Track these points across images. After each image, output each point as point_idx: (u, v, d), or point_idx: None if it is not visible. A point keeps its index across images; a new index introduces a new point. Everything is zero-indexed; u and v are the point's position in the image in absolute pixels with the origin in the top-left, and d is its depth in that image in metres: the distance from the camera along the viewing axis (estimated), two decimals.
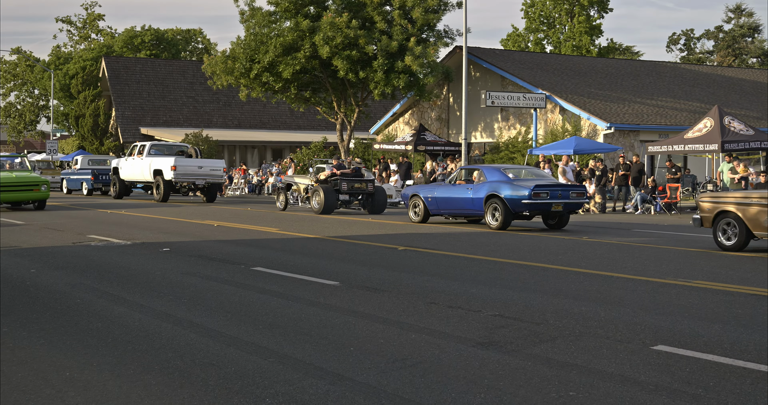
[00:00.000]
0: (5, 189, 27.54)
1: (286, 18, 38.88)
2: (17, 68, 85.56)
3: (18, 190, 27.80)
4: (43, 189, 28.07)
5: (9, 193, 27.70)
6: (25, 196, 28.08)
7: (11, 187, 27.74)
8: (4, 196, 27.62)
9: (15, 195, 27.86)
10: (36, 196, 28.14)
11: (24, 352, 7.75)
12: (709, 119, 28.97)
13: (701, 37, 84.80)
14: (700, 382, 6.56)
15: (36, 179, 28.55)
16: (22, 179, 28.15)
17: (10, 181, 27.88)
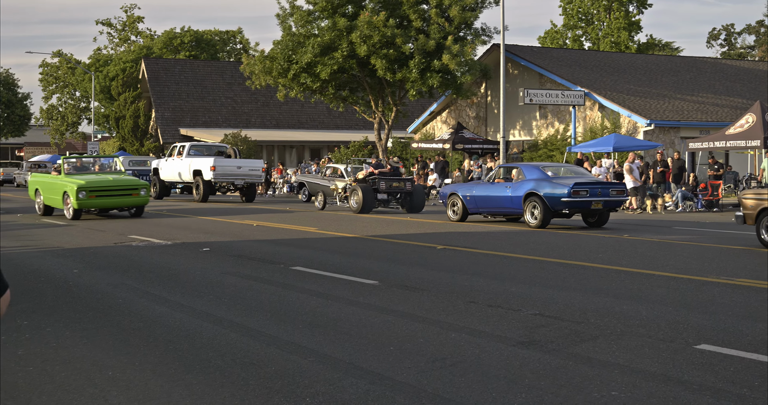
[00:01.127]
0: (101, 194, 23.94)
1: (323, 17, 38.96)
2: (59, 71, 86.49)
3: (115, 195, 24.19)
4: (143, 193, 24.31)
5: (105, 199, 24.07)
6: (122, 202, 24.47)
7: (108, 192, 24.09)
8: (100, 203, 24.12)
9: (112, 201, 24.21)
10: (134, 201, 24.47)
11: (67, 352, 7.83)
12: (751, 115, 28.60)
13: (742, 32, 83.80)
14: (744, 382, 6.48)
15: (135, 182, 24.71)
16: (120, 183, 24.41)
17: (106, 185, 24.22)
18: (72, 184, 23.70)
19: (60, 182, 24.70)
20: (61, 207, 24.55)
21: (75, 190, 23.40)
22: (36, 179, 27.39)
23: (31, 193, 26.90)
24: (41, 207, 26.12)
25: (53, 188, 25.04)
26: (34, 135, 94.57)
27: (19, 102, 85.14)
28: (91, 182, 24.00)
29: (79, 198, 23.35)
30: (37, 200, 26.30)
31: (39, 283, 12.10)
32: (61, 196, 24.22)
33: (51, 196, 25.21)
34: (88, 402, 6.28)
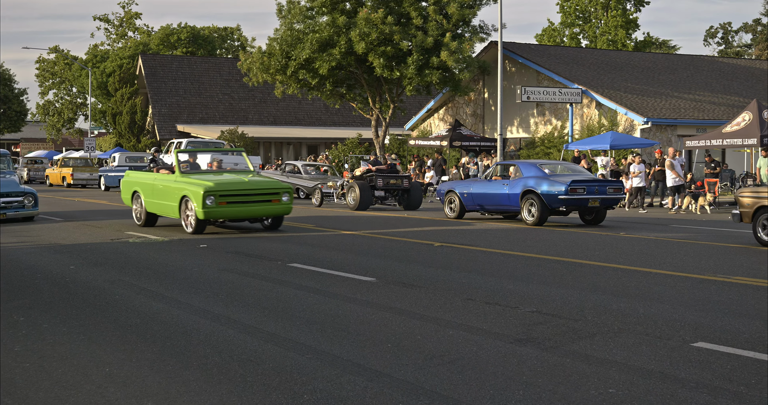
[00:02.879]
0: (235, 200, 18.21)
1: (322, 14, 38.94)
2: (55, 67, 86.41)
3: (252, 202, 18.41)
4: (285, 199, 18.56)
5: (238, 207, 18.33)
6: (259, 211, 18.62)
7: (243, 197, 18.37)
8: (232, 212, 18.37)
9: (247, 209, 18.44)
10: (274, 209, 18.70)
11: (64, 348, 7.83)
12: (748, 113, 28.62)
13: (739, 31, 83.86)
14: (741, 380, 6.49)
15: (275, 185, 19.08)
16: (258, 186, 18.81)
17: (241, 189, 18.44)
18: (195, 186, 18.08)
19: (175, 184, 18.98)
20: (175, 216, 19.05)
21: (201, 194, 17.71)
22: (134, 179, 21.28)
23: (125, 197, 21.52)
24: (141, 215, 20.46)
25: (164, 191, 19.34)
26: (30, 131, 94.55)
27: (15, 98, 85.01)
28: (221, 184, 18.30)
29: (206, 205, 17.71)
30: (134, 207, 20.82)
31: (36, 280, 12.09)
32: (178, 202, 18.53)
33: (160, 201, 19.54)
34: (85, 398, 6.28)
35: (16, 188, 22.55)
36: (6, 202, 21.95)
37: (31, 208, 22.36)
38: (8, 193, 22.07)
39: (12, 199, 22.09)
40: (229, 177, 19.42)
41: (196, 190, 17.93)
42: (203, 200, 17.69)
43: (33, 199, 22.40)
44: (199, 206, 17.78)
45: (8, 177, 23.20)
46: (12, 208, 22.01)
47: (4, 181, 22.48)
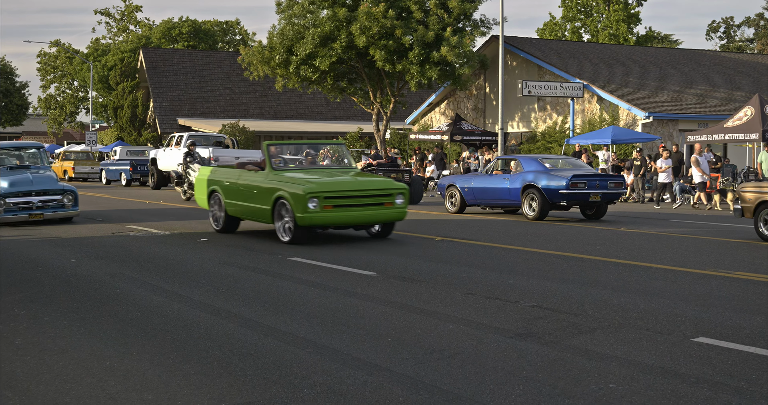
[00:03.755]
0: (343, 204, 15.03)
1: (323, 8, 38.89)
2: (57, 60, 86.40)
3: (362, 205, 15.19)
4: (399, 202, 15.45)
5: (347, 211, 15.07)
6: (371, 217, 15.40)
7: (352, 199, 15.16)
8: (339, 217, 15.02)
9: (356, 214, 15.19)
10: (388, 214, 15.50)
11: (65, 341, 7.83)
12: (750, 108, 28.57)
13: (741, 25, 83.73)
14: (742, 375, 6.48)
15: (389, 185, 15.68)
16: (370, 186, 15.58)
17: (351, 190, 15.32)
18: (294, 186, 14.93)
19: (267, 183, 15.67)
20: (266, 221, 15.78)
21: (302, 196, 14.56)
22: (212, 176, 17.68)
23: (201, 198, 18.11)
24: (221, 219, 17.18)
25: (252, 192, 16.04)
26: (31, 124, 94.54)
27: (17, 91, 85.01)
28: (326, 184, 15.18)
29: (308, 210, 14.53)
30: (212, 209, 17.51)
31: (37, 273, 12.10)
32: (271, 205, 15.25)
33: (246, 203, 16.30)
34: (85, 391, 6.28)
35: (54, 185, 20.04)
36: (43, 202, 19.62)
37: (71, 208, 19.93)
38: (45, 191, 19.73)
39: (50, 197, 19.71)
40: (332, 175, 16.24)
41: (294, 190, 14.75)
42: (305, 203, 14.51)
43: (73, 198, 19.97)
44: (299, 210, 14.56)
45: (44, 172, 20.84)
46: (50, 207, 19.67)
47: (40, 177, 20.26)
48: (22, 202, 19.33)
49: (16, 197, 19.32)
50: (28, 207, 19.39)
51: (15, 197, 19.31)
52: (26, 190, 19.49)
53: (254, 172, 16.42)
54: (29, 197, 19.45)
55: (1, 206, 19.11)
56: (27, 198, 19.42)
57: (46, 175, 20.54)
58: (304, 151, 19.15)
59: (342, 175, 16.20)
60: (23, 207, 19.34)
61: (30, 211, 19.36)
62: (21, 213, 19.27)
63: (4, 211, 19.12)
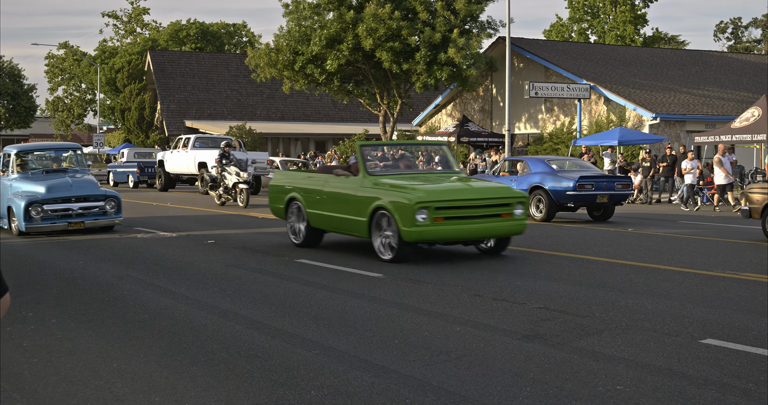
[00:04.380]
0: (457, 215, 12.66)
1: (329, 10, 38.92)
2: (64, 63, 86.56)
3: (479, 216, 12.85)
4: (518, 213, 13.08)
5: (463, 224, 12.70)
6: (490, 230, 13.06)
7: (470, 209, 12.80)
8: (452, 231, 12.72)
9: (473, 227, 12.80)
10: (507, 227, 13.17)
11: (72, 343, 7.84)
12: (757, 108, 28.51)
13: (749, 26, 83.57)
14: (750, 377, 6.47)
15: (508, 193, 13.35)
16: (487, 194, 13.16)
17: (466, 199, 12.94)
18: (398, 194, 12.69)
19: (363, 190, 13.38)
20: (361, 236, 13.49)
21: (411, 207, 12.29)
22: (291, 182, 15.57)
23: (276, 207, 15.82)
24: (301, 232, 14.99)
25: (344, 201, 13.80)
26: (39, 127, 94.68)
27: (24, 93, 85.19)
28: (436, 192, 12.83)
29: (416, 223, 12.25)
30: (290, 220, 15.29)
31: (44, 275, 12.12)
32: (368, 216, 12.99)
33: (335, 213, 14.01)
34: (93, 393, 6.29)
35: (96, 190, 18.26)
36: (84, 209, 17.84)
37: (113, 216, 18.15)
38: (86, 197, 17.96)
39: (91, 204, 17.94)
40: (438, 181, 13.92)
41: (399, 200, 12.56)
42: (412, 215, 12.28)
43: (116, 204, 18.18)
44: (405, 223, 12.34)
45: (83, 176, 18.91)
46: (91, 215, 17.89)
47: (80, 182, 18.39)
48: (60, 210, 17.56)
49: (54, 204, 17.52)
50: (68, 214, 17.63)
51: (53, 204, 17.51)
52: (65, 195, 17.71)
53: (344, 177, 14.09)
54: (68, 204, 17.69)
55: (38, 214, 17.25)
56: (66, 204, 17.65)
57: (87, 180, 18.66)
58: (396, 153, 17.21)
59: (449, 181, 13.89)
60: (62, 214, 17.57)
61: (69, 219, 17.60)
62: (60, 221, 17.50)
63: (41, 219, 17.30)
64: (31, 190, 17.87)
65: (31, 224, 17.20)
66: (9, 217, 17.93)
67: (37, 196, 17.44)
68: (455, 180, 14.05)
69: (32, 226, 17.23)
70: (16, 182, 18.42)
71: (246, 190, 25.25)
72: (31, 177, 18.59)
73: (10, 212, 17.82)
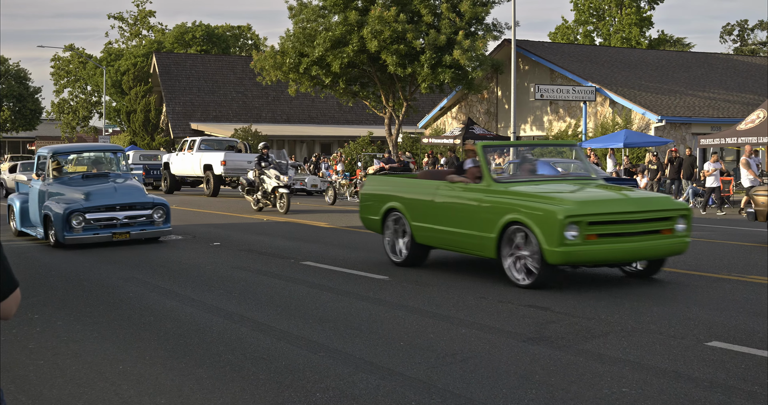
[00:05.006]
0: (615, 231, 10.52)
1: (334, 12, 38.96)
2: (70, 65, 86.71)
3: (637, 233, 10.65)
4: (680, 228, 10.99)
5: (619, 242, 10.51)
6: (648, 250, 10.82)
7: (628, 224, 10.58)
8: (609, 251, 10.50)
9: (630, 247, 10.56)
10: (668, 246, 10.98)
11: (78, 345, 7.86)
12: (762, 110, 28.46)
13: (755, 28, 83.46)
14: (756, 379, 6.46)
15: (669, 204, 11.13)
16: (645, 206, 10.87)
17: (624, 212, 10.63)
18: (539, 205, 10.45)
19: (490, 201, 11.15)
20: (487, 255, 11.21)
21: (560, 221, 10.09)
22: (388, 188, 13.42)
23: (370, 218, 13.60)
24: (402, 248, 12.82)
25: (464, 213, 11.56)
26: (45, 129, 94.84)
27: (30, 96, 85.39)
28: (588, 204, 10.52)
29: (565, 241, 10.09)
30: (388, 234, 13.12)
31: (50, 277, 12.14)
32: (497, 232, 10.77)
33: (451, 228, 11.78)
34: (98, 395, 6.30)
35: (143, 197, 16.50)
36: (130, 218, 16.19)
37: (162, 225, 16.49)
38: (132, 205, 16.27)
39: (137, 212, 16.26)
40: (584, 189, 11.50)
41: (543, 212, 10.29)
42: (560, 231, 10.06)
43: (164, 213, 16.53)
44: (551, 241, 10.12)
45: (127, 181, 17.11)
46: (137, 224, 16.24)
47: (125, 188, 16.58)
48: (104, 219, 15.89)
49: (97, 212, 15.85)
50: (112, 224, 15.97)
51: (96, 212, 15.83)
52: (109, 203, 16.03)
53: (463, 185, 11.77)
54: (113, 212, 16.01)
55: (79, 223, 15.57)
56: (110, 213, 15.97)
57: (132, 185, 16.85)
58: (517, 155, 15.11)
59: (596, 189, 11.45)
60: (106, 224, 15.92)
61: (114, 230, 15.92)
62: (103, 232, 15.83)
63: (83, 229, 15.64)
64: (71, 196, 16.19)
65: (71, 235, 15.50)
66: (45, 226, 16.19)
67: (78, 204, 15.74)
68: (602, 188, 11.61)
69: (73, 237, 15.51)
70: (54, 187, 16.73)
71: (287, 195, 24.09)
72: (70, 182, 16.86)
73: (47, 221, 16.05)
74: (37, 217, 16.95)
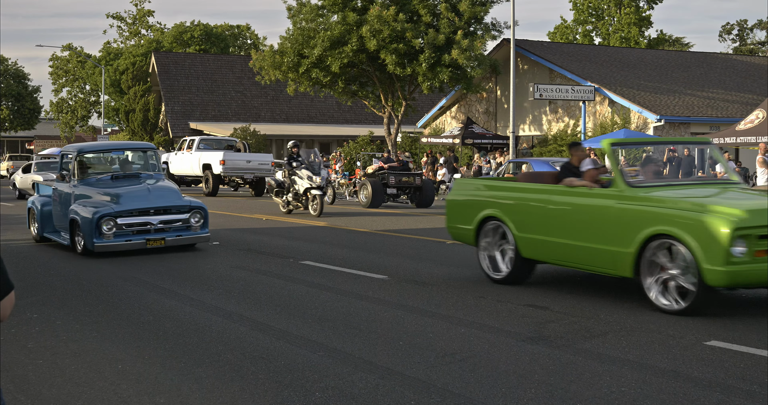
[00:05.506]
0: None
1: (333, 12, 38.95)
2: (69, 64, 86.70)
3: None
4: None
5: None
6: None
7: None
8: None
9: None
10: None
11: (77, 345, 7.86)
12: (762, 110, 28.47)
13: (754, 28, 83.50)
14: (755, 378, 6.46)
15: None
16: None
17: None
18: (694, 214, 8.83)
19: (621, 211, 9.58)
20: (620, 273, 9.56)
21: (725, 234, 8.43)
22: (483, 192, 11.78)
23: (461, 228, 11.84)
24: (504, 262, 11.14)
25: (590, 223, 9.96)
26: (43, 128, 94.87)
27: (29, 95, 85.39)
28: (757, 213, 8.68)
29: (731, 258, 8.42)
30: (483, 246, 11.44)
31: (49, 277, 12.14)
32: (637, 247, 9.20)
33: (572, 241, 10.11)
34: (98, 395, 6.30)
35: (179, 200, 15.15)
36: (165, 222, 14.76)
37: (199, 231, 15.07)
38: (167, 208, 14.88)
39: (173, 216, 14.85)
40: (737, 195, 9.76)
41: (703, 222, 8.65)
42: (727, 246, 8.42)
43: (202, 218, 15.13)
44: (712, 258, 8.48)
45: (158, 182, 15.69)
46: (173, 230, 14.82)
47: (159, 190, 15.20)
48: (137, 224, 14.53)
49: (129, 217, 14.48)
50: (146, 230, 14.60)
51: (128, 217, 14.47)
52: (143, 206, 14.65)
53: (586, 190, 10.16)
54: (146, 216, 14.62)
55: (110, 229, 14.23)
56: (144, 218, 14.59)
57: (166, 187, 15.52)
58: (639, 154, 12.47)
59: (749, 195, 9.78)
60: (139, 230, 14.56)
61: (148, 236, 14.52)
62: (136, 238, 14.44)
63: (114, 235, 14.29)
64: (100, 199, 14.92)
65: (102, 242, 14.15)
66: (72, 232, 14.83)
67: (108, 207, 14.39)
68: (757, 194, 9.87)
69: (104, 245, 14.16)
70: (80, 189, 15.40)
71: (320, 197, 22.59)
72: (98, 183, 15.57)
73: (74, 226, 14.70)
74: (62, 222, 15.67)
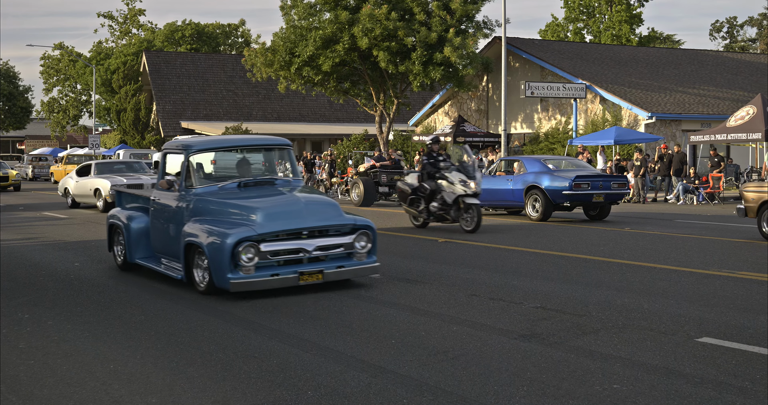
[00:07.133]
0: None
1: (325, 10, 38.91)
2: (60, 64, 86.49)
3: None
4: None
5: None
6: None
7: None
8: None
9: None
10: None
11: (68, 345, 7.84)
12: (752, 107, 28.52)
13: (744, 25, 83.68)
14: (746, 375, 6.48)
15: None
16: None
17: None
18: None
19: None
20: None
21: None
22: None
23: None
24: None
25: None
26: (35, 128, 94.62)
27: (20, 95, 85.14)
28: None
29: None
30: None
31: (40, 277, 12.11)
32: None
33: None
34: (89, 395, 6.28)
35: (339, 218, 10.70)
36: (323, 249, 10.40)
37: (365, 260, 10.73)
38: (323, 229, 10.53)
39: (332, 240, 10.49)
40: None
41: None
42: None
43: (369, 241, 10.76)
44: None
45: (302, 191, 11.35)
46: (332, 258, 10.55)
47: (314, 203, 10.78)
48: (286, 251, 10.18)
49: (276, 241, 10.12)
50: (298, 259, 10.31)
51: (275, 242, 10.11)
52: (294, 227, 10.26)
53: None
54: (299, 241, 10.25)
55: (250, 260, 9.88)
56: (296, 242, 10.22)
57: (322, 200, 11.11)
58: None
59: None
60: (289, 259, 10.27)
61: (300, 268, 10.21)
62: (285, 270, 10.12)
63: (256, 268, 9.96)
64: (232, 216, 10.55)
65: (238, 277, 9.84)
66: (189, 261, 10.61)
67: (248, 228, 10.04)
68: None
69: (241, 281, 9.85)
70: (198, 202, 11.01)
71: (476, 207, 17.67)
72: (222, 194, 11.14)
73: (191, 254, 10.57)
74: (166, 246, 11.55)
